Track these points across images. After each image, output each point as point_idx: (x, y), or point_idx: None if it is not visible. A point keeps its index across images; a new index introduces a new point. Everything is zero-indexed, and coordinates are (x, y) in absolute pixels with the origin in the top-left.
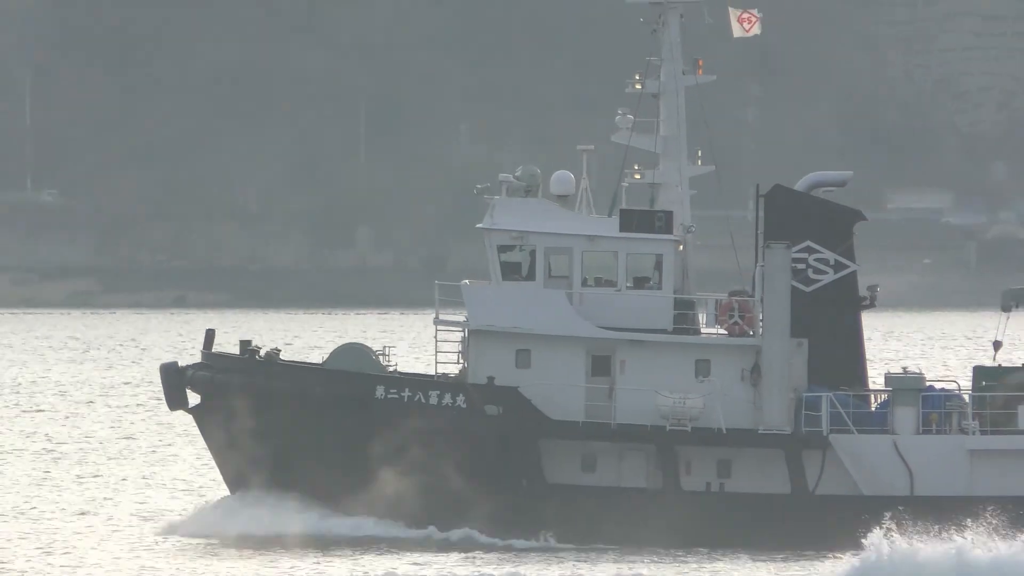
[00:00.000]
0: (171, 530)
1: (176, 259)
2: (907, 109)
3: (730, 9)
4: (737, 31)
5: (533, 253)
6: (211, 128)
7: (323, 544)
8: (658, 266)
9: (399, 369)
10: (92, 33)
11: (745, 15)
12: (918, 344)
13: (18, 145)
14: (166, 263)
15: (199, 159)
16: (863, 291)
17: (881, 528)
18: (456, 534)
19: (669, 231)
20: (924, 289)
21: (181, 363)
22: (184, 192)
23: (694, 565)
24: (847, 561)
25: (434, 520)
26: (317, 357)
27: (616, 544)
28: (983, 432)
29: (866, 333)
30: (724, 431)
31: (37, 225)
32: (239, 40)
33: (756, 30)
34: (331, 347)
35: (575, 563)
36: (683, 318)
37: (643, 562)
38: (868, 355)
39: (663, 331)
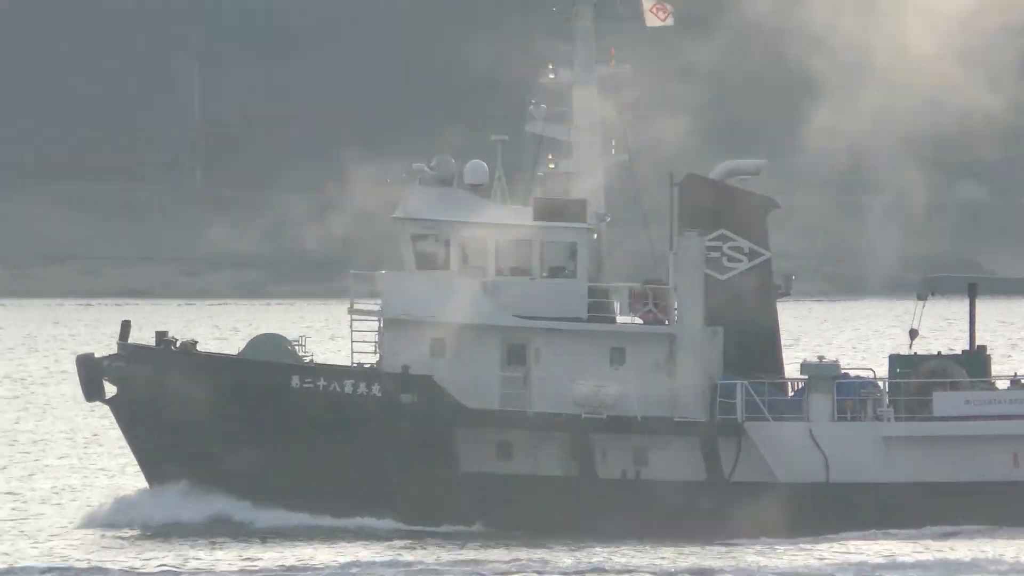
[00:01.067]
0: (89, 521)
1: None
2: None
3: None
4: (651, 20)
5: (447, 243)
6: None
7: (244, 535)
8: (572, 255)
9: (314, 359)
10: (258, 24)
11: (658, 5)
12: None
13: (187, 136)
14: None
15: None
16: (778, 279)
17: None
18: (374, 523)
19: (583, 220)
20: None
21: (97, 354)
22: None
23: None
24: None
25: (353, 510)
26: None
27: (532, 532)
28: (898, 419)
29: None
30: (639, 419)
31: (205, 215)
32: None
33: (669, 21)
34: None
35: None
36: (598, 307)
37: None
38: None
39: (578, 319)
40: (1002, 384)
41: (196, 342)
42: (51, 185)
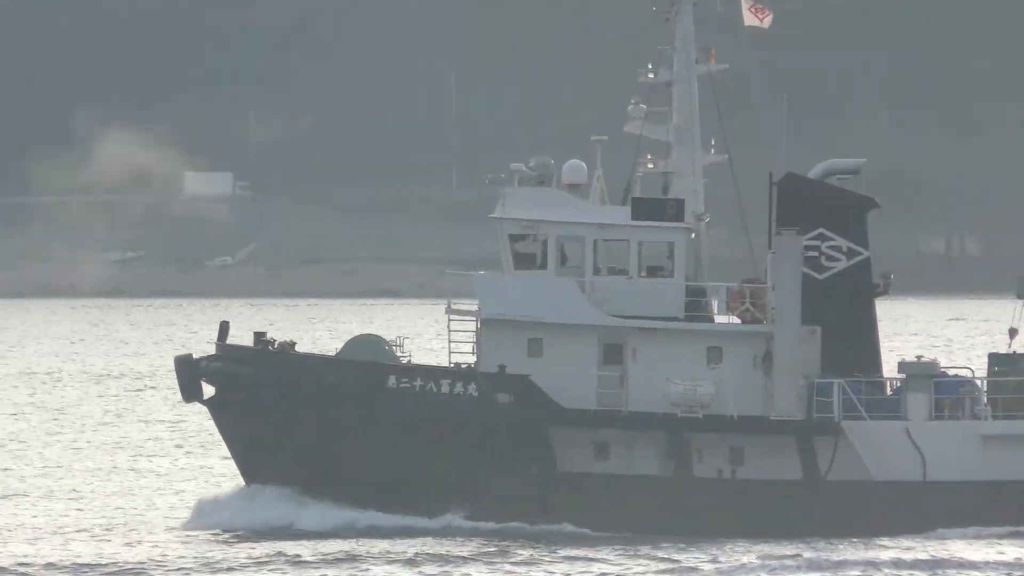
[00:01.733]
0: (188, 522)
1: None
2: None
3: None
4: (749, 20)
5: (545, 243)
6: None
7: (334, 536)
8: (670, 254)
9: (412, 359)
10: (508, 28)
11: (757, 6)
12: None
13: (444, 139)
14: None
15: None
16: (877, 278)
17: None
18: (473, 524)
19: (680, 219)
20: None
21: (195, 355)
22: None
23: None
24: None
25: (450, 509)
26: None
27: (628, 531)
28: (995, 418)
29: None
30: (736, 418)
31: (457, 218)
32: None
33: (767, 22)
34: None
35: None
36: (695, 305)
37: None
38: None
39: (675, 319)
40: None
41: (295, 343)
42: (310, 188)
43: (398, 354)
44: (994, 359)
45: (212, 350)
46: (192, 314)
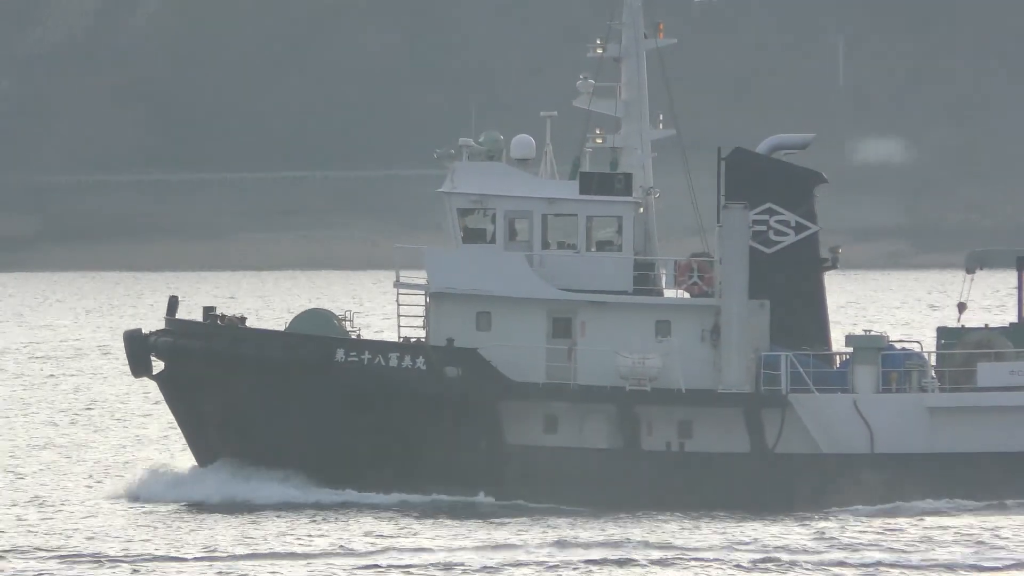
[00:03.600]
0: (133, 496)
1: (986, 218)
2: None
3: None
4: None
5: (494, 217)
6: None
7: (290, 511)
8: (619, 228)
9: (361, 334)
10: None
11: None
12: None
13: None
14: (976, 223)
15: (1002, 117)
16: (825, 252)
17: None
18: (418, 497)
19: (628, 193)
20: None
21: (144, 330)
22: (993, 150)
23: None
24: None
25: (396, 483)
26: None
27: (578, 504)
28: (942, 390)
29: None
30: (684, 391)
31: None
32: None
33: None
34: None
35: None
36: (644, 279)
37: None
38: None
39: (624, 292)
40: None
41: (244, 318)
42: None
43: (348, 328)
44: (942, 332)
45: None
46: None
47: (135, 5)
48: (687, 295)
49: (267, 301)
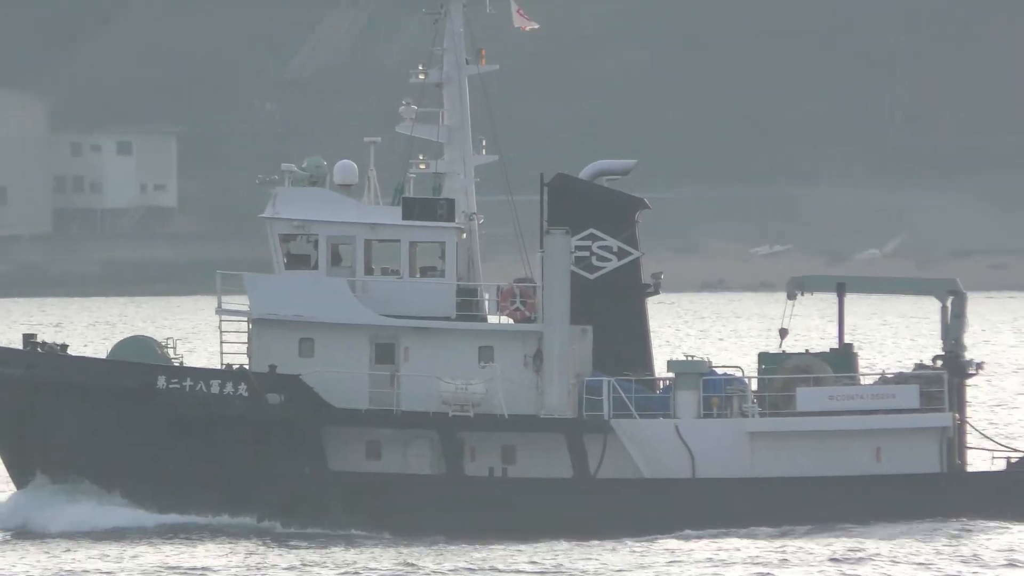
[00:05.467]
0: None
1: None
2: None
3: (512, 1)
4: (518, 21)
5: (316, 242)
6: None
7: (114, 538)
8: (441, 254)
9: (184, 362)
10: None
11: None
12: None
13: None
14: None
15: None
16: (647, 278)
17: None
18: (245, 522)
19: (451, 219)
20: None
21: None
22: None
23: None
24: None
25: (223, 509)
26: None
27: (403, 531)
28: (763, 415)
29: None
30: (506, 417)
31: None
32: None
33: (536, 24)
34: None
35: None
36: (467, 305)
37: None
38: None
39: (447, 318)
40: (870, 381)
41: (66, 345)
42: (962, 178)
43: (171, 355)
44: (763, 358)
45: None
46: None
47: (395, 28)
48: (510, 321)
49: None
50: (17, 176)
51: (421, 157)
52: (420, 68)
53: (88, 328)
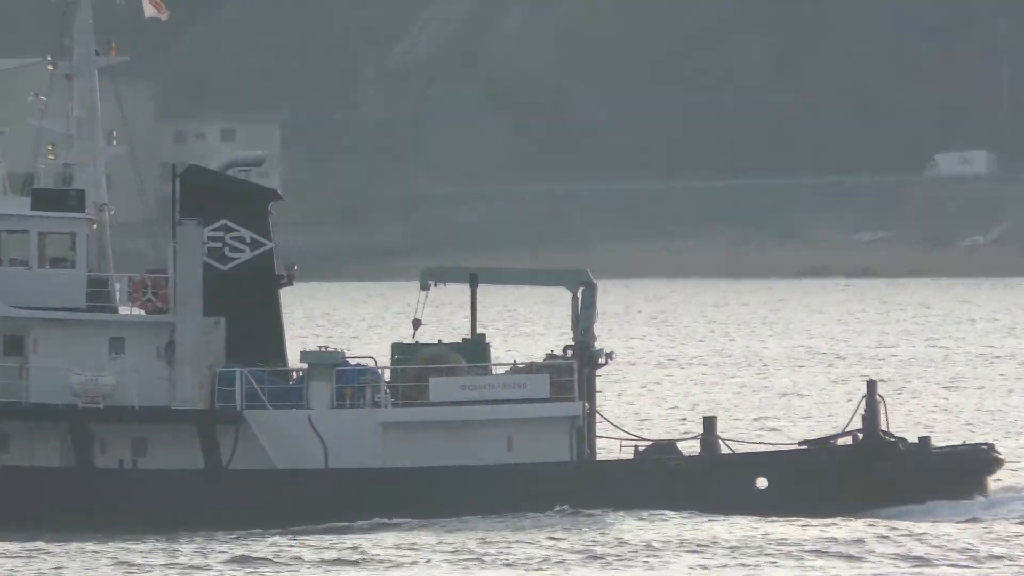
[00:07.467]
0: None
1: None
2: None
3: None
4: (149, 12)
5: None
6: None
7: None
8: (72, 245)
9: None
10: None
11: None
12: None
13: None
14: None
15: None
16: (281, 269)
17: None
18: None
19: (82, 210)
20: None
21: None
22: None
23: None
24: None
25: None
26: None
27: (32, 527)
28: (396, 405)
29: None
30: (137, 408)
31: None
32: None
33: (167, 14)
34: None
35: None
36: (98, 296)
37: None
38: None
39: (78, 309)
40: (502, 371)
41: None
42: None
43: None
44: (396, 348)
45: None
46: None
47: (503, 13)
48: (142, 312)
49: None
50: (122, 164)
51: (50, 148)
52: (49, 59)
53: None
